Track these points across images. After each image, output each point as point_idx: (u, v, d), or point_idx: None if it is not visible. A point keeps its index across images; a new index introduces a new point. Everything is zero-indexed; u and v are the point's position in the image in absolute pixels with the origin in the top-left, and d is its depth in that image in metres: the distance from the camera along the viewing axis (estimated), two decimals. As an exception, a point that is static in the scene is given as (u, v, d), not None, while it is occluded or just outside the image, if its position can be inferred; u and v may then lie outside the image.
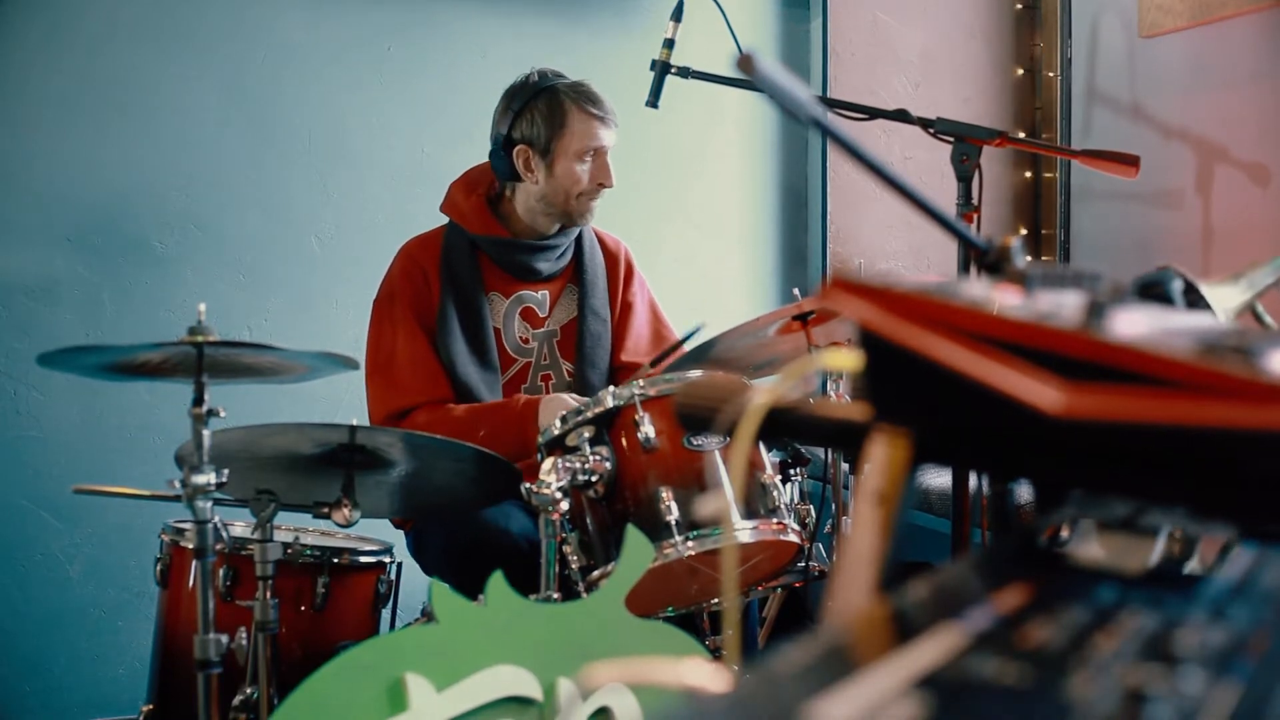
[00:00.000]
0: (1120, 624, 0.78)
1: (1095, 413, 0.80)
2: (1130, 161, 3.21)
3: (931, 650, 0.70)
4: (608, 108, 3.70)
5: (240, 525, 3.30)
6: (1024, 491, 1.03)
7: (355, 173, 4.81)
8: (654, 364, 3.65)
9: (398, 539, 3.67)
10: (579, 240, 3.91)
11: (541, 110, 3.72)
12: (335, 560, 3.29)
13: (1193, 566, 0.99)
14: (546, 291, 3.87)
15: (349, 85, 4.80)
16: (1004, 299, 0.90)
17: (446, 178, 3.90)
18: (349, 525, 3.04)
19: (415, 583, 3.55)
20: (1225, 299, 2.25)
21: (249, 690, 2.93)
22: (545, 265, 3.83)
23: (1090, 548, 0.98)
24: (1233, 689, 0.67)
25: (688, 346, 3.69)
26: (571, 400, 3.47)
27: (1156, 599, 0.85)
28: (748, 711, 0.61)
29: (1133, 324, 0.87)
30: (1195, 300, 2.22)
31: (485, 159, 3.82)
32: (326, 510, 3.02)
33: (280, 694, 2.77)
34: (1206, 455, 0.80)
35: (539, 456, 3.11)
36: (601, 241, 4.00)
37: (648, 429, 3.02)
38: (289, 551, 3.15)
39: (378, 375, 3.71)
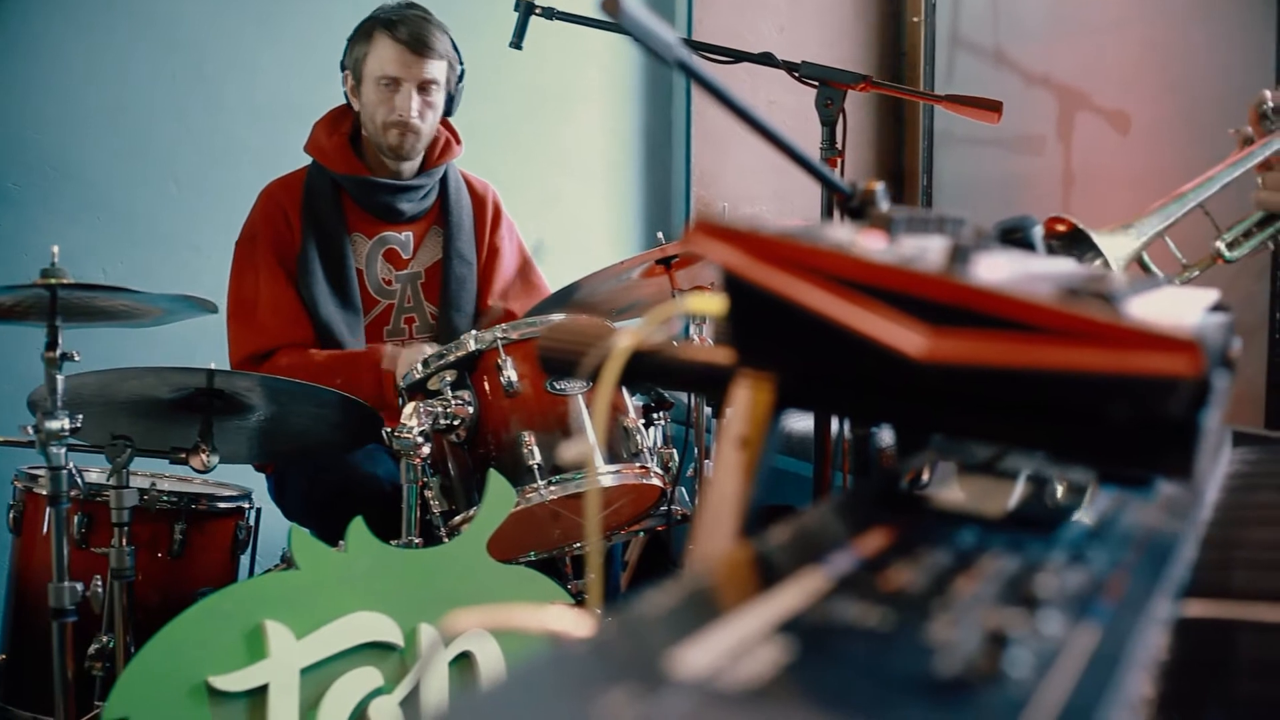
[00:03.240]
0: (981, 567, 0.78)
1: (957, 357, 0.80)
2: (993, 107, 3.24)
3: (794, 594, 0.70)
4: (422, 39, 3.65)
5: (95, 471, 3.26)
6: (885, 435, 1.03)
7: (217, 112, 4.71)
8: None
9: (257, 484, 3.63)
10: (444, 182, 3.88)
11: (358, 35, 3.72)
12: (193, 506, 3.26)
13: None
14: (410, 233, 3.83)
15: (210, 21, 4.69)
16: (868, 243, 0.89)
17: (312, 117, 3.84)
18: (207, 471, 3.02)
19: (275, 528, 3.51)
20: (1118, 248, 2.29)
21: (105, 639, 2.90)
22: (408, 206, 3.79)
23: (951, 491, 0.99)
24: (1092, 631, 0.68)
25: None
26: (431, 350, 3.46)
27: (1016, 542, 0.85)
28: (610, 656, 0.61)
29: (995, 269, 0.87)
30: (1086, 249, 2.27)
31: (353, 98, 3.79)
32: (184, 456, 2.99)
33: (137, 642, 2.75)
34: (1067, 399, 0.80)
35: (400, 401, 3.09)
36: (469, 184, 3.97)
37: (510, 373, 3.01)
38: (145, 498, 3.11)
39: (238, 318, 3.66)
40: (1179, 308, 0.94)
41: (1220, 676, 0.82)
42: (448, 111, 3.81)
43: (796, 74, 3.24)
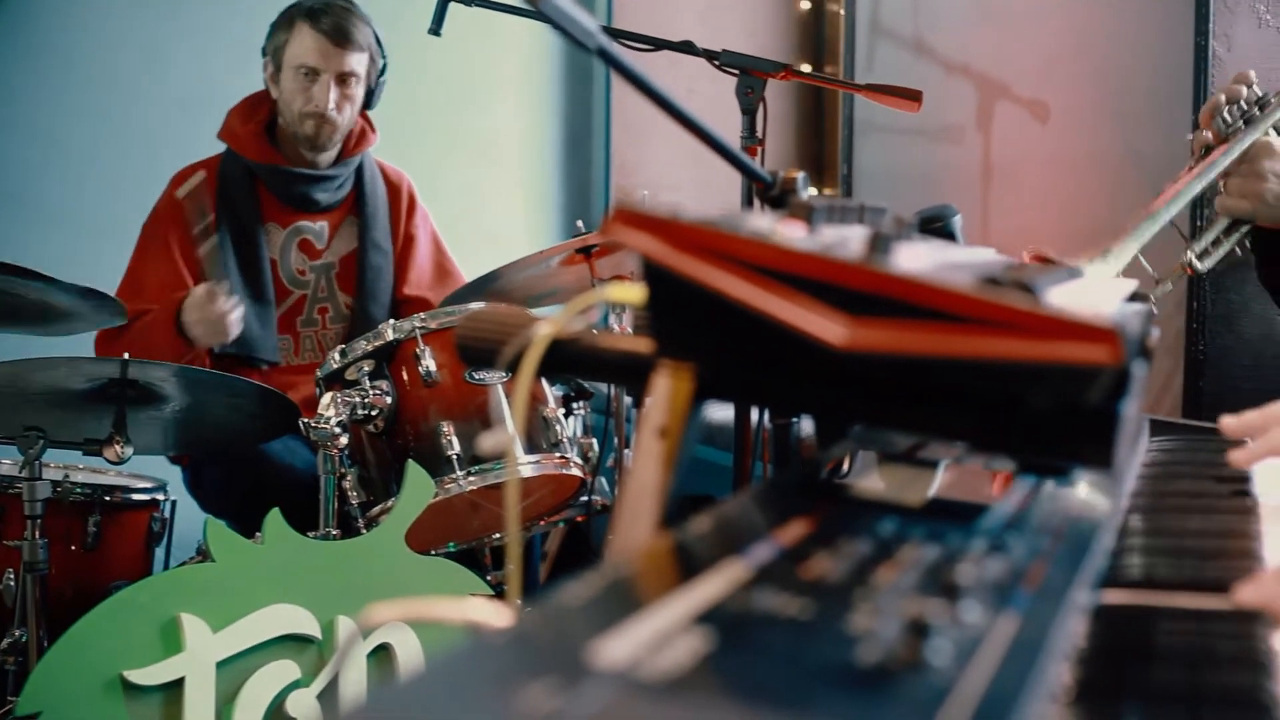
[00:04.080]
0: (901, 556, 0.78)
1: (878, 346, 0.80)
2: (913, 96, 3.25)
3: (715, 584, 0.70)
4: (344, 30, 3.62)
5: (7, 464, 3.22)
6: (806, 425, 1.03)
7: (132, 104, 4.64)
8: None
9: (172, 476, 3.59)
10: (360, 171, 3.85)
11: (280, 22, 3.68)
12: (107, 498, 3.23)
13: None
14: (325, 223, 3.80)
15: (124, 8, 4.63)
16: (788, 232, 0.89)
17: (229, 104, 3.80)
18: (121, 462, 2.98)
19: (191, 520, 3.48)
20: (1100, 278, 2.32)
21: (17, 633, 2.87)
22: (324, 196, 3.76)
23: (871, 480, 0.99)
24: (1012, 619, 0.68)
25: None
26: (218, 307, 3.38)
27: (936, 531, 0.85)
28: (530, 648, 0.60)
29: (916, 258, 0.87)
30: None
31: (268, 85, 3.75)
32: (98, 447, 2.95)
33: (50, 636, 2.72)
34: (987, 388, 0.80)
35: (318, 391, 3.07)
36: (384, 173, 3.94)
37: (429, 363, 3.00)
38: (58, 490, 3.08)
39: (123, 296, 3.58)
40: (1098, 297, 0.95)
41: (1139, 664, 0.82)
42: (367, 105, 3.78)
43: (717, 62, 3.24)
